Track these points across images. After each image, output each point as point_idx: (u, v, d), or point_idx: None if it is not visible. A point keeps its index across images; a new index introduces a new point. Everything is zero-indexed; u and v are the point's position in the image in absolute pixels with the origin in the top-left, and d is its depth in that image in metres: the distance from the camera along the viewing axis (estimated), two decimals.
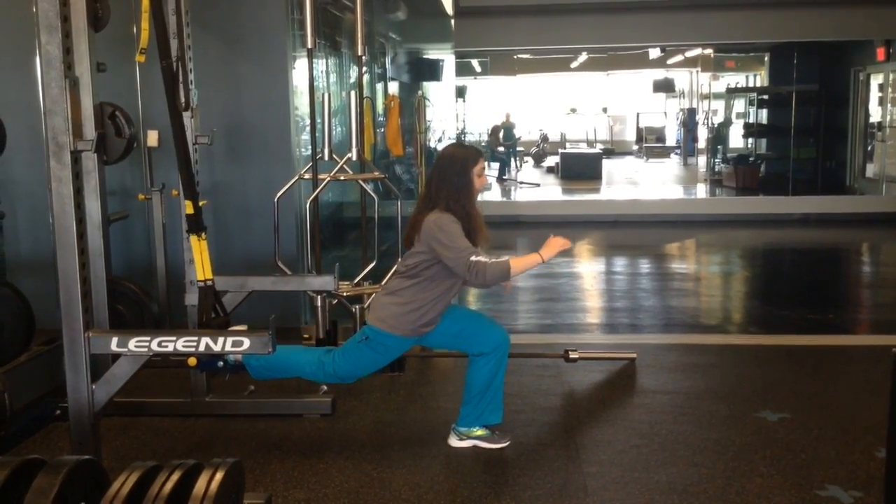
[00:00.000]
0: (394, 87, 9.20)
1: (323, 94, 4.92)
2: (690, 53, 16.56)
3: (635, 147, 23.67)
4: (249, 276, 4.10)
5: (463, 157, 3.53)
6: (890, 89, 12.67)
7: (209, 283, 3.31)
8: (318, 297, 4.58)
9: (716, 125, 16.67)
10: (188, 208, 3.33)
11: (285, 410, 4.08)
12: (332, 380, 3.58)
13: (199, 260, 3.30)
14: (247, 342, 3.03)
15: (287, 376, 3.62)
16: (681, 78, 21.02)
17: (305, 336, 4.72)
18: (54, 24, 2.72)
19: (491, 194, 15.19)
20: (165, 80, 3.22)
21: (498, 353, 3.61)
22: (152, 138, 4.92)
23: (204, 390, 4.08)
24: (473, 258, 3.32)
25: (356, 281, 4.82)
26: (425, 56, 9.74)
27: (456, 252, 3.34)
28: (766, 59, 15.82)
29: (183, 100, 3.44)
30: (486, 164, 3.60)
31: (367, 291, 4.79)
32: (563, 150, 19.64)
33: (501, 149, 17.73)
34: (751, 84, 17.00)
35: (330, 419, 4.03)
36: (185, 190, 3.33)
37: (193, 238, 3.34)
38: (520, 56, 16.69)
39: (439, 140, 8.85)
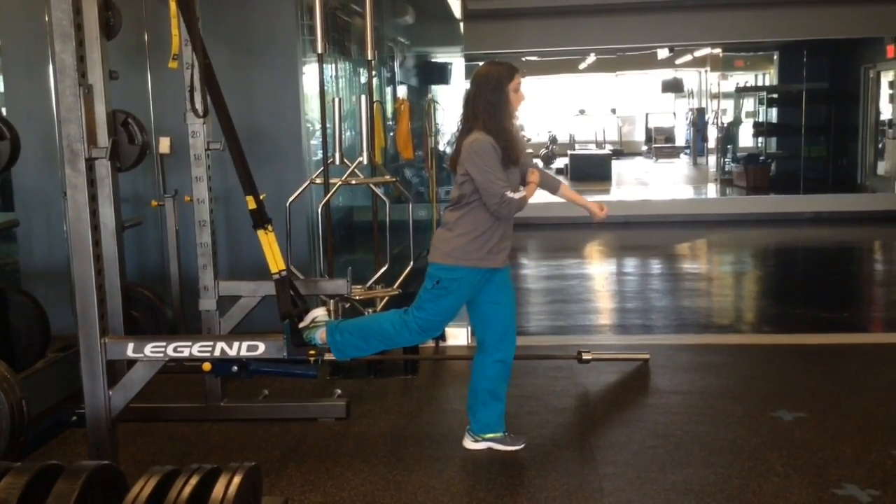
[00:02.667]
0: (403, 91, 9.22)
1: (333, 99, 4.94)
2: (699, 53, 16.53)
3: (644, 147, 23.63)
4: (262, 280, 4.11)
5: (497, 73, 3.45)
6: None
7: (283, 273, 3.28)
8: (332, 300, 4.60)
9: (725, 125, 16.63)
10: (250, 203, 3.30)
11: (300, 414, 4.09)
12: (422, 337, 3.53)
13: (269, 252, 3.27)
14: (262, 347, 3.05)
15: (373, 350, 3.53)
16: (690, 78, 20.99)
17: None
18: (68, 32, 2.74)
19: None
20: (208, 80, 3.22)
21: (501, 360, 3.61)
22: (164, 145, 4.95)
23: (219, 395, 4.09)
24: (509, 193, 3.33)
25: (369, 284, 4.84)
26: (434, 59, 9.75)
27: (489, 181, 3.33)
28: (775, 57, 15.77)
29: (199, 106, 3.46)
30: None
31: (380, 295, 4.81)
32: (572, 152, 19.61)
33: None
34: (760, 83, 16.96)
35: (345, 422, 4.04)
36: (245, 186, 3.31)
37: (261, 232, 3.31)
38: (528, 58, 16.69)
39: (448, 143, 8.87)
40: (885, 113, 13.18)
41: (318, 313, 3.37)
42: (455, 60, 9.51)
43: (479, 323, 3.65)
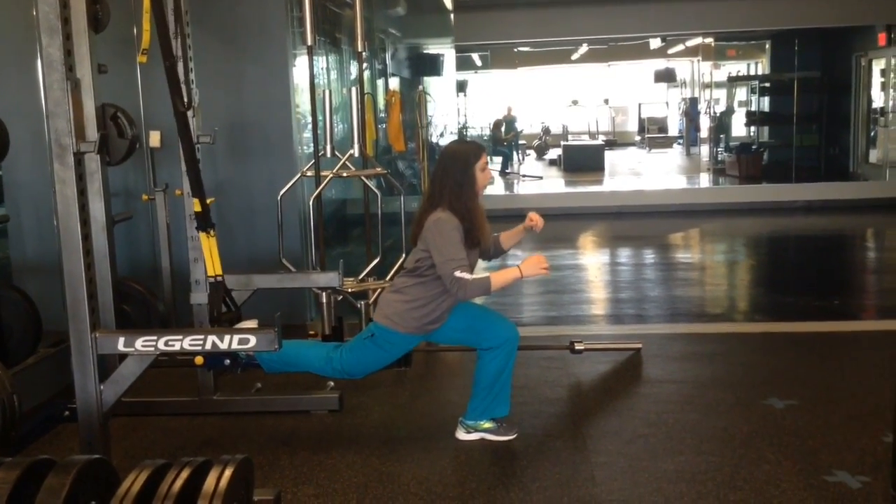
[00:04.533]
0: (394, 83, 9.19)
1: (324, 91, 4.93)
2: (691, 43, 16.52)
3: (637, 138, 23.64)
4: (254, 273, 4.11)
5: (464, 153, 3.52)
6: (892, 74, 12.63)
7: (219, 278, 3.31)
8: (323, 293, 4.59)
9: (718, 114, 16.64)
10: (195, 206, 3.33)
11: (293, 407, 4.10)
12: (341, 375, 3.60)
13: (209, 256, 3.31)
14: (253, 340, 3.04)
15: (298, 370, 3.64)
16: (682, 67, 20.99)
17: (311, 332, 4.74)
18: (55, 26, 2.72)
19: (494, 188, 15.16)
20: (169, 80, 3.22)
21: (506, 347, 3.61)
22: (154, 139, 4.93)
23: (211, 389, 4.09)
24: (458, 273, 3.33)
25: (361, 277, 4.84)
26: (425, 51, 9.73)
27: (445, 260, 3.36)
28: (767, 46, 15.78)
29: (185, 99, 3.45)
30: (488, 158, 3.60)
31: (372, 287, 4.81)
32: (565, 143, 19.61)
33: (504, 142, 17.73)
34: (752, 72, 16.97)
35: (337, 415, 4.04)
36: (192, 188, 3.34)
37: (202, 235, 3.35)
38: (520, 49, 16.66)
39: (441, 135, 8.85)
40: (877, 101, 13.19)
41: (249, 325, 3.39)
42: (446, 52, 9.50)
43: (472, 340, 3.67)
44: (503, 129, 17.78)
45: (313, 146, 4.84)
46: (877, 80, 13.24)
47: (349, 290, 4.70)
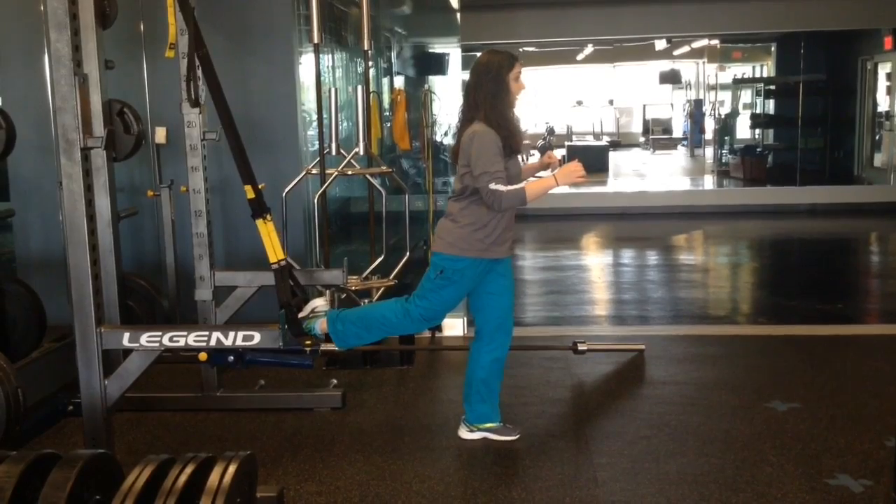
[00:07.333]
0: (400, 82, 9.19)
1: (329, 89, 4.93)
2: (697, 44, 16.49)
3: (642, 139, 23.60)
4: (258, 271, 4.11)
5: (497, 62, 3.45)
6: None
7: (283, 263, 3.27)
8: (328, 291, 4.60)
9: (723, 116, 16.62)
10: (248, 193, 3.28)
11: (296, 404, 4.10)
12: (421, 325, 3.55)
13: (269, 242, 3.26)
14: (257, 336, 3.05)
15: (374, 339, 3.56)
16: (687, 69, 20.96)
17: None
18: (63, 21, 2.73)
19: None
20: (204, 69, 3.21)
21: (496, 355, 3.62)
22: (160, 135, 4.94)
23: (215, 385, 4.10)
24: (493, 186, 3.30)
25: (365, 275, 4.85)
26: (431, 50, 9.72)
27: (480, 173, 3.33)
28: (772, 49, 15.74)
29: (193, 96, 3.45)
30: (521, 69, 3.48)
31: (376, 285, 4.82)
32: (569, 143, 19.60)
33: None
34: (758, 74, 16.93)
35: (340, 412, 4.05)
36: (243, 176, 3.29)
37: (259, 221, 3.29)
38: (525, 49, 16.65)
39: (445, 134, 8.84)
40: (882, 105, 13.17)
41: (318, 303, 3.38)
42: (452, 51, 9.49)
43: (478, 312, 3.67)
44: None
45: (318, 144, 4.85)
46: (882, 83, 13.21)
47: (353, 288, 4.71)
